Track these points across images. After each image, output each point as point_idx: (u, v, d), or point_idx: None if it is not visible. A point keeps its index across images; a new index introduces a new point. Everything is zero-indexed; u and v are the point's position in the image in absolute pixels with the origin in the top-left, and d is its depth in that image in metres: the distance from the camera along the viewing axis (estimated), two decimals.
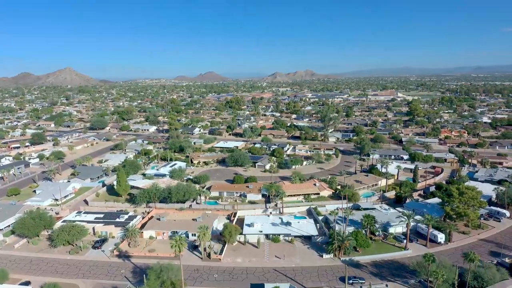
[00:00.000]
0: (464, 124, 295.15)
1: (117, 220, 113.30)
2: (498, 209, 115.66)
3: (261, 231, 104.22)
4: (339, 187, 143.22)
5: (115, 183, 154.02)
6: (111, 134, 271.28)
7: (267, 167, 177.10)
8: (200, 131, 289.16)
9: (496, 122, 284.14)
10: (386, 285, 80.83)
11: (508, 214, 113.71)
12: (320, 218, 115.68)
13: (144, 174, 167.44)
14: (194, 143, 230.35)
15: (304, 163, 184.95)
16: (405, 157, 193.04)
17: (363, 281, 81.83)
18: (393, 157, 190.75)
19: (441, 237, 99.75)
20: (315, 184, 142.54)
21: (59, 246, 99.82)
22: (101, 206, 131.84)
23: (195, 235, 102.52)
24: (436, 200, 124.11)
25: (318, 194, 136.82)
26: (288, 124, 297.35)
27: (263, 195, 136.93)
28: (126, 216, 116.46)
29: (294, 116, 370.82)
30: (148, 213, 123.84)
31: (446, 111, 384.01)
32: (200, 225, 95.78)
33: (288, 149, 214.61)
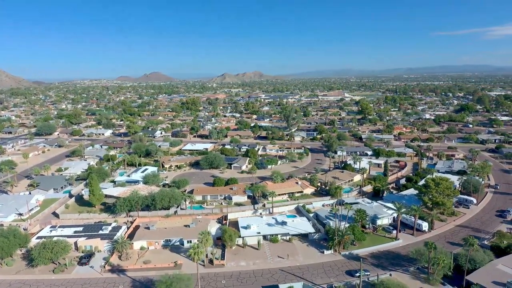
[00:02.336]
0: (411, 121, 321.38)
1: (101, 232, 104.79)
2: (466, 197, 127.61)
3: (259, 232, 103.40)
4: (319, 184, 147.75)
5: (83, 192, 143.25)
6: (62, 140, 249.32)
7: (244, 168, 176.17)
8: (162, 133, 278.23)
9: (439, 119, 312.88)
10: (390, 274, 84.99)
11: (475, 201, 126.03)
12: (311, 215, 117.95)
13: (114, 181, 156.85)
14: (160, 146, 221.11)
15: (279, 162, 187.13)
16: (369, 153, 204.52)
17: (369, 273, 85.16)
18: (358, 153, 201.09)
19: (425, 225, 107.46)
20: (297, 183, 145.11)
21: (39, 266, 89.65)
22: (75, 218, 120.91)
23: (190, 242, 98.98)
24: (411, 191, 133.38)
25: (302, 192, 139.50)
26: (252, 125, 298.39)
27: (248, 196, 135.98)
28: (110, 228, 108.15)
29: (255, 116, 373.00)
30: (132, 222, 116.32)
31: (392, 110, 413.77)
32: (201, 230, 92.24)
33: (258, 149, 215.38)
